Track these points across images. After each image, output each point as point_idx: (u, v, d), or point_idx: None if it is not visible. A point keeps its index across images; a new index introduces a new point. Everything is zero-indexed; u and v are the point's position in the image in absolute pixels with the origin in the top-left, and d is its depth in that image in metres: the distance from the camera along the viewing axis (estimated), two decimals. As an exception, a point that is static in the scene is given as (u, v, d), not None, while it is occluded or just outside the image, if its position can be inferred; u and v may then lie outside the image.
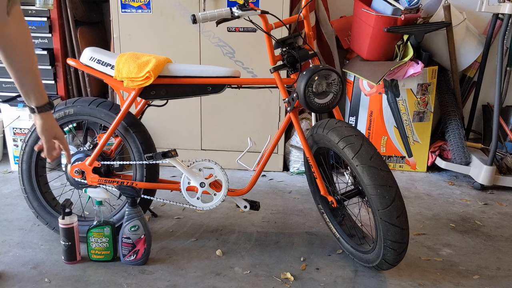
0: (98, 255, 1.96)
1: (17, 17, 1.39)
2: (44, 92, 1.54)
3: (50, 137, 1.62)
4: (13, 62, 1.44)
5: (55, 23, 2.99)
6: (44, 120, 1.58)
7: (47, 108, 1.57)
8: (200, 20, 1.76)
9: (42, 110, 1.55)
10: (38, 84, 1.51)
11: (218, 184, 2.02)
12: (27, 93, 1.51)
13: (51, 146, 1.63)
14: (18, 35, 1.41)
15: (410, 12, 2.80)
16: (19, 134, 2.94)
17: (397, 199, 1.66)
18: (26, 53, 1.45)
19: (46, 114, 1.57)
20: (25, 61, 1.46)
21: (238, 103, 2.96)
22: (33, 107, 1.54)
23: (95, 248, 1.95)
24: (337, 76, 1.81)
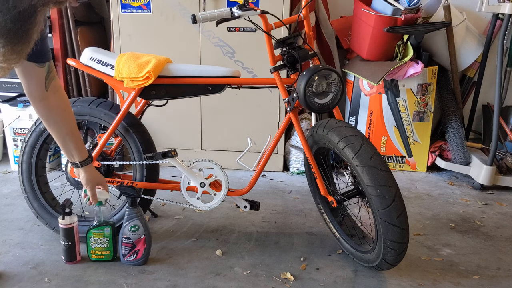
0: (98, 255, 1.96)
1: (55, 89, 1.62)
2: (84, 148, 1.76)
3: (94, 186, 1.83)
4: (55, 127, 1.67)
5: (55, 23, 2.99)
6: (88, 172, 1.80)
7: (89, 161, 1.79)
8: (200, 20, 1.76)
9: (84, 164, 1.77)
10: (79, 143, 1.74)
11: (218, 184, 2.02)
12: (70, 152, 1.74)
13: (95, 193, 1.84)
14: (57, 105, 1.63)
15: (410, 12, 2.80)
16: (19, 134, 2.94)
17: (397, 199, 1.66)
18: (65, 119, 1.68)
19: (89, 167, 1.79)
20: (65, 126, 1.68)
21: (238, 103, 2.96)
22: (77, 163, 1.76)
23: (95, 249, 1.95)
24: (337, 76, 1.81)
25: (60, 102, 1.64)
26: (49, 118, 1.65)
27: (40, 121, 2.08)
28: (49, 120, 1.65)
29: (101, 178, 1.85)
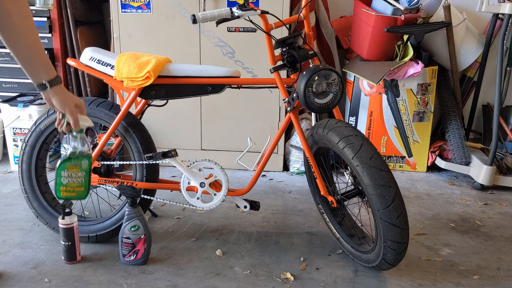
0: (70, 192, 1.69)
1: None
2: (51, 65, 1.49)
3: (73, 108, 1.55)
4: (16, 39, 1.41)
5: (55, 23, 2.99)
6: (60, 93, 1.52)
7: (59, 81, 1.51)
8: (200, 20, 1.76)
9: (54, 83, 1.49)
10: (45, 58, 1.46)
11: (218, 184, 2.02)
12: (36, 70, 1.46)
13: (77, 118, 1.56)
14: (16, 11, 1.37)
15: (410, 12, 2.80)
16: (19, 134, 2.94)
17: (397, 199, 1.66)
18: (29, 28, 1.41)
19: (59, 87, 1.51)
20: (29, 36, 1.42)
21: (238, 103, 2.96)
22: (45, 83, 1.47)
23: (67, 185, 1.67)
24: (337, 76, 1.81)
25: (22, 9, 1.39)
26: (7, 27, 1.38)
27: (40, 121, 2.08)
28: (8, 30, 1.38)
29: (77, 99, 1.57)
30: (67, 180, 1.65)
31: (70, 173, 1.64)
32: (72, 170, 1.64)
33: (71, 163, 1.63)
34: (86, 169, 1.66)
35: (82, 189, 1.68)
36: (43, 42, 3.03)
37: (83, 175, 1.66)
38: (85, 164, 1.65)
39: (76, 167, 1.64)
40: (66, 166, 1.63)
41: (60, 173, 1.63)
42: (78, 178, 1.66)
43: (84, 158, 1.64)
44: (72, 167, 1.64)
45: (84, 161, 1.64)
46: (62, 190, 1.67)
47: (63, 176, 1.64)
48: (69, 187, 1.66)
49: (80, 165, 1.64)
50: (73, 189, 1.67)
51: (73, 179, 1.65)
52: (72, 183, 1.66)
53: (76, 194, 1.68)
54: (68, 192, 1.67)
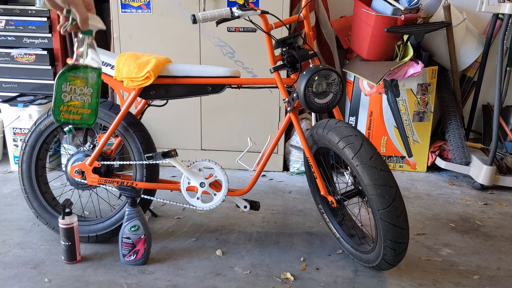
0: (72, 114, 1.36)
1: None
2: None
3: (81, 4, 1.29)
4: None
5: (55, 23, 2.99)
6: None
7: None
8: (200, 20, 1.76)
9: None
10: None
11: (218, 184, 2.02)
12: None
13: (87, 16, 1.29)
14: None
15: (410, 12, 2.80)
16: (19, 134, 2.94)
17: (397, 199, 1.66)
18: None
19: None
20: None
21: (238, 103, 2.95)
22: None
23: (68, 103, 1.32)
24: (337, 76, 1.81)
25: None
26: None
27: (40, 121, 2.08)
28: None
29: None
30: (69, 96, 1.34)
31: (73, 88, 1.34)
32: (76, 84, 1.33)
33: (76, 74, 1.32)
34: (94, 85, 1.34)
35: (88, 111, 1.38)
36: (43, 42, 3.04)
37: (90, 92, 1.36)
38: (93, 78, 1.34)
39: (82, 80, 1.34)
40: (69, 77, 1.31)
41: (60, 87, 1.31)
42: (83, 95, 1.36)
43: (92, 70, 1.34)
44: (76, 80, 1.33)
45: (92, 74, 1.34)
46: (62, 110, 1.36)
47: (64, 91, 1.33)
48: (71, 107, 1.36)
49: (86, 78, 1.33)
50: (77, 110, 1.37)
51: (77, 96, 1.35)
52: (76, 102, 1.36)
53: (80, 117, 1.39)
54: (70, 113, 1.36)
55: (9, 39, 3.05)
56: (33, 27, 2.99)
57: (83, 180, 2.05)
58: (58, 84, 1.32)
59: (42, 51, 3.02)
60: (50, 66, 3.05)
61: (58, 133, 2.17)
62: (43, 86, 3.10)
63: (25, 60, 3.04)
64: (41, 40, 3.03)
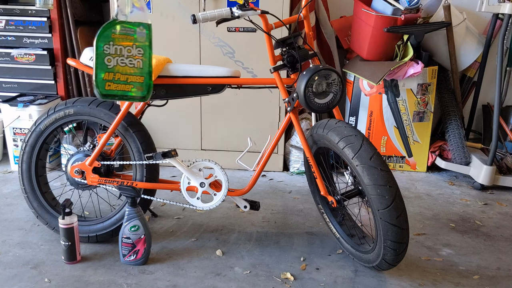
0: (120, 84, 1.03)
1: None
2: None
3: None
4: None
5: (55, 23, 2.99)
6: None
7: None
8: (200, 20, 1.75)
9: None
10: None
11: (218, 184, 2.02)
12: None
13: None
14: None
15: (410, 12, 2.80)
16: (19, 134, 2.94)
17: (397, 199, 1.66)
18: None
19: None
20: None
21: (238, 103, 2.95)
22: None
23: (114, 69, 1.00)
24: (337, 76, 1.81)
25: None
26: None
27: (40, 121, 2.08)
28: None
29: None
30: (114, 60, 1.01)
31: (119, 48, 1.02)
32: (122, 43, 1.00)
33: (120, 30, 0.99)
34: (144, 45, 1.02)
35: (140, 79, 1.05)
36: (43, 42, 3.04)
37: (141, 54, 1.04)
38: (142, 35, 1.02)
39: (129, 38, 1.01)
40: (112, 35, 0.98)
41: (102, 48, 0.98)
42: (132, 58, 1.04)
43: (140, 25, 1.02)
44: (121, 38, 1.00)
45: (141, 29, 1.04)
46: (107, 79, 1.01)
47: (107, 54, 1.00)
48: (118, 74, 1.03)
49: (134, 34, 1.01)
50: (126, 78, 1.02)
51: (124, 60, 1.04)
52: (124, 68, 1.02)
53: (130, 88, 1.05)
54: (117, 83, 1.00)
55: (9, 39, 3.05)
56: (33, 27, 2.99)
57: (83, 180, 2.05)
58: (99, 45, 1.01)
59: (42, 51, 3.02)
60: (50, 66, 3.05)
61: (58, 133, 2.17)
62: (43, 86, 3.10)
63: (25, 60, 3.04)
64: (41, 40, 3.03)
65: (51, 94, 3.10)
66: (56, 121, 2.06)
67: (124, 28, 0.97)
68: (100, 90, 1.02)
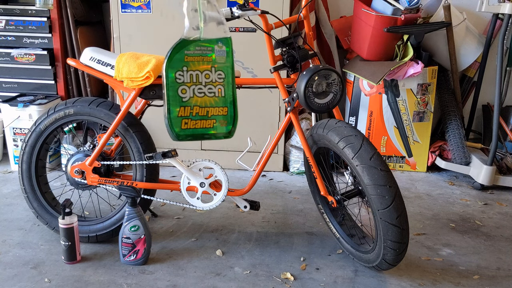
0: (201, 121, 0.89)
1: None
2: None
3: None
4: None
5: (55, 23, 2.99)
6: None
7: None
8: (200, 20, 1.75)
9: None
10: None
11: (218, 184, 2.02)
12: None
13: None
14: None
15: (410, 12, 2.80)
16: (19, 134, 2.94)
17: (397, 199, 1.66)
18: None
19: None
20: None
21: (238, 103, 2.95)
22: None
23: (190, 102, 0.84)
24: (337, 76, 1.81)
25: None
26: None
27: (40, 121, 2.08)
28: None
29: None
30: (190, 91, 0.79)
31: (194, 74, 0.80)
32: (198, 67, 0.78)
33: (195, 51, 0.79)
34: (225, 66, 0.81)
35: (223, 111, 0.85)
36: (43, 42, 3.03)
37: (222, 78, 0.83)
38: (222, 54, 0.82)
39: (206, 59, 0.81)
40: (185, 57, 0.78)
41: (173, 77, 0.76)
42: (212, 85, 0.82)
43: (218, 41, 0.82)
44: (196, 61, 0.80)
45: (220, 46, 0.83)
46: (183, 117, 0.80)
47: (180, 83, 0.79)
48: (196, 109, 0.80)
49: (212, 54, 0.80)
50: (207, 111, 0.81)
51: (203, 89, 0.81)
52: (203, 99, 0.79)
53: (213, 124, 0.85)
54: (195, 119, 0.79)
55: (9, 39, 3.05)
56: (33, 27, 2.99)
57: (83, 180, 2.05)
58: (169, 73, 0.76)
59: (42, 51, 3.02)
60: (50, 66, 3.05)
61: (58, 133, 2.17)
62: (43, 86, 3.10)
63: (25, 60, 3.04)
64: (41, 40, 3.03)
65: (51, 94, 3.10)
66: (56, 121, 2.06)
67: (200, 47, 0.77)
68: (175, 130, 0.84)
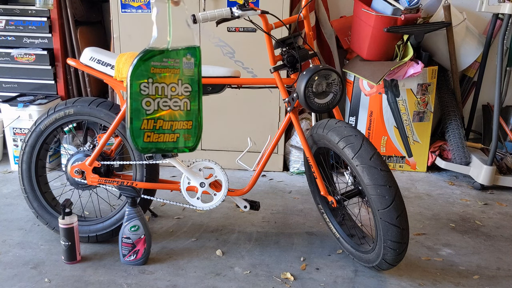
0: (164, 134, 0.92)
1: None
2: None
3: None
4: None
5: (55, 23, 2.99)
6: None
7: None
8: (200, 20, 1.75)
9: None
10: None
11: (218, 184, 2.02)
12: None
13: None
14: None
15: (410, 12, 2.80)
16: (19, 134, 2.94)
17: (397, 199, 1.66)
18: None
19: None
20: None
21: (238, 103, 2.95)
22: None
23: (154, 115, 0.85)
24: (337, 76, 1.81)
25: None
26: None
27: (40, 121, 2.08)
28: None
29: None
30: (155, 103, 0.78)
31: (160, 87, 0.78)
32: (164, 80, 0.76)
33: (161, 62, 0.77)
34: (191, 79, 0.79)
35: (187, 125, 0.85)
36: (43, 42, 3.03)
37: (188, 91, 0.81)
38: (190, 66, 0.80)
39: (173, 72, 0.79)
40: (151, 69, 0.76)
41: (138, 88, 0.76)
42: (177, 98, 0.82)
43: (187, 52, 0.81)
44: (163, 73, 0.78)
45: (188, 58, 0.82)
46: (146, 129, 0.79)
47: (145, 95, 0.76)
48: (160, 122, 0.81)
49: (179, 67, 0.78)
50: (170, 125, 0.81)
51: (168, 102, 0.79)
52: (167, 111, 0.78)
53: (176, 138, 0.86)
54: (159, 133, 0.79)
55: (9, 39, 3.05)
56: (33, 27, 2.99)
57: (83, 180, 2.05)
58: (134, 84, 0.76)
59: (42, 51, 3.02)
60: (50, 66, 3.05)
61: (58, 133, 2.17)
62: (43, 86, 3.10)
63: (25, 60, 3.04)
64: (41, 40, 3.03)
65: (51, 94, 3.10)
66: (56, 121, 2.06)
67: (167, 59, 0.75)
68: (137, 142, 0.83)
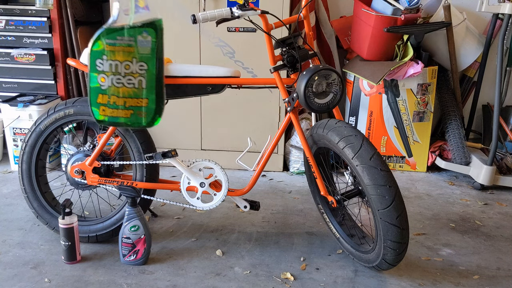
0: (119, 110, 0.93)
1: None
2: None
3: None
4: None
5: (55, 23, 2.99)
6: None
7: None
8: (200, 20, 1.76)
9: None
10: None
11: (218, 184, 2.02)
12: None
13: None
14: None
15: (410, 12, 2.80)
16: (19, 134, 2.94)
17: (397, 199, 1.66)
18: None
19: None
20: None
21: (238, 103, 2.95)
22: None
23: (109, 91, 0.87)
24: (337, 76, 1.81)
25: None
26: None
27: (40, 121, 2.08)
28: None
29: None
30: (108, 80, 0.80)
31: (114, 64, 0.79)
32: (117, 57, 0.79)
33: (116, 40, 0.78)
34: (147, 57, 0.80)
35: (142, 102, 0.85)
36: (43, 42, 3.03)
37: (143, 69, 0.82)
38: (146, 44, 0.81)
39: (127, 50, 0.79)
40: (106, 46, 0.76)
41: (94, 64, 0.77)
42: (132, 76, 0.82)
43: (143, 30, 0.80)
44: (117, 51, 0.78)
45: (144, 36, 0.83)
46: (102, 103, 0.81)
47: (101, 71, 0.80)
48: (113, 98, 0.81)
49: (135, 44, 0.79)
50: (124, 102, 0.82)
51: (121, 80, 0.81)
52: (121, 89, 0.80)
53: (129, 114, 0.85)
54: (112, 108, 0.80)
55: (9, 39, 3.05)
56: (33, 27, 2.99)
57: (83, 180, 2.05)
58: (92, 61, 0.78)
59: (42, 51, 3.02)
60: (50, 66, 3.05)
61: (58, 133, 2.17)
62: (43, 86, 3.10)
63: (25, 60, 3.04)
64: (41, 40, 3.03)
65: (51, 94, 3.10)
66: (56, 121, 2.06)
67: (121, 37, 0.75)
68: (94, 114, 0.84)
